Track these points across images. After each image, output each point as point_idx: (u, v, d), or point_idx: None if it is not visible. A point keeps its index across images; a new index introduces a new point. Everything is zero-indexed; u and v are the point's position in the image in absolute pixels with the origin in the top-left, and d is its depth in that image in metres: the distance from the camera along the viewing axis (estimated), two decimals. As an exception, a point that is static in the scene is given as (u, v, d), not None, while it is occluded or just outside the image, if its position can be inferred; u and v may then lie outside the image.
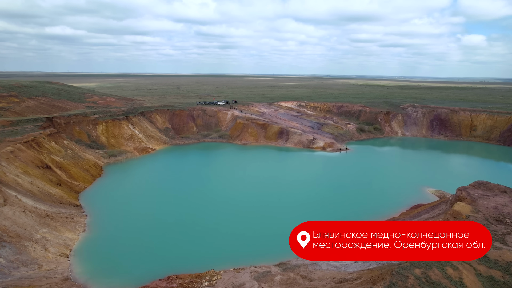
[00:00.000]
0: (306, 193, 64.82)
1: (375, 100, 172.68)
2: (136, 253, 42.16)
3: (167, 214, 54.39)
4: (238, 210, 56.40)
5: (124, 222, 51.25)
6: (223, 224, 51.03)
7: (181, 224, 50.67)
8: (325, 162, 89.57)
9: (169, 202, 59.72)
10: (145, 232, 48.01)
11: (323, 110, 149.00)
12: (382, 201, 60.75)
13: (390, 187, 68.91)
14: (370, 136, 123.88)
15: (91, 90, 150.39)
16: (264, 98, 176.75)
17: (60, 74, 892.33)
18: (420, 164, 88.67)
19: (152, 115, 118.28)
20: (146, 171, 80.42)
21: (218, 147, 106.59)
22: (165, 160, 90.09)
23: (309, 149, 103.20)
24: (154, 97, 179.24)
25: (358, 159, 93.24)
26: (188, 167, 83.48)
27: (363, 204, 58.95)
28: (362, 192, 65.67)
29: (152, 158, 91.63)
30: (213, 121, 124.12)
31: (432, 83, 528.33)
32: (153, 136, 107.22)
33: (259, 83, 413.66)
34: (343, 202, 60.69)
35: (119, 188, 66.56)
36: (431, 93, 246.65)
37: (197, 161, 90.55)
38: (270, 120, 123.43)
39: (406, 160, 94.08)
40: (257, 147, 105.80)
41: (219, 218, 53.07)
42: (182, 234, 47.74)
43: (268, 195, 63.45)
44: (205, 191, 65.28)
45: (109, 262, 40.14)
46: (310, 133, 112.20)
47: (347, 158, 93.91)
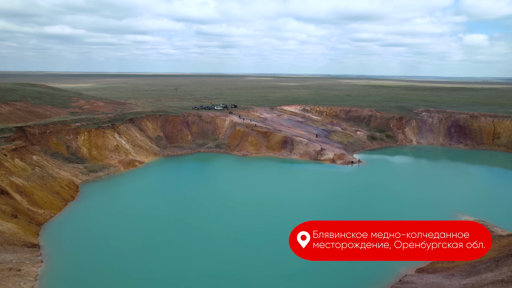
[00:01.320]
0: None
1: (384, 103, 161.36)
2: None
3: (155, 253, 43.21)
4: (238, 247, 45.28)
5: (96, 267, 40.11)
6: (220, 264, 40.04)
7: (172, 269, 39.53)
8: (335, 179, 78.34)
9: (156, 236, 48.60)
10: (126, 282, 36.99)
11: (330, 115, 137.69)
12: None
13: (415, 213, 57.71)
14: (382, 145, 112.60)
15: (78, 94, 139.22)
16: (266, 101, 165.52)
17: (59, 73, 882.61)
18: (447, 181, 77.27)
19: (143, 121, 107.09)
20: (130, 191, 69.14)
21: (215, 158, 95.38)
22: (153, 177, 78.77)
23: (317, 162, 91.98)
24: (148, 100, 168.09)
25: (373, 174, 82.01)
26: (179, 186, 72.26)
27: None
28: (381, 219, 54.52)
29: (139, 173, 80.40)
30: (209, 128, 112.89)
31: (436, 83, 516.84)
32: (142, 146, 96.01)
33: (260, 84, 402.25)
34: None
35: (95, 216, 55.35)
36: (440, 94, 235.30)
37: (189, 177, 79.31)
38: (273, 127, 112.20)
39: (429, 175, 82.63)
40: (258, 159, 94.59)
41: (215, 256, 42.02)
42: (174, 280, 36.68)
43: (272, 224, 52.31)
44: (199, 219, 54.13)
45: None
46: (318, 143, 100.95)
47: (360, 173, 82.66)
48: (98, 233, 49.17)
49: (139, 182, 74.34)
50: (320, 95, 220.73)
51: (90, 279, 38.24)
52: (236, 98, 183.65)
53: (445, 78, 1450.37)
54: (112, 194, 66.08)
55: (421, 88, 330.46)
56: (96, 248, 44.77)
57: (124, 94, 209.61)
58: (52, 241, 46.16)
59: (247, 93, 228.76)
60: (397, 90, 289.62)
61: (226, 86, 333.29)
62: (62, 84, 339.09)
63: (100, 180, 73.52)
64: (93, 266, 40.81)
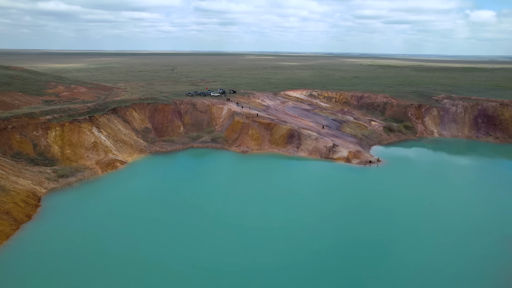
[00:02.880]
0: (328, 246, 41.39)
1: (398, 87, 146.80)
2: None
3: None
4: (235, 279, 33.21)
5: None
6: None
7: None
8: (352, 185, 65.57)
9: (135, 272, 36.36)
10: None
11: (340, 102, 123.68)
12: (454, 273, 37.48)
13: (462, 242, 45.32)
14: (400, 138, 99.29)
15: (59, 77, 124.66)
16: (268, 85, 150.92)
17: (55, 52, 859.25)
18: (488, 190, 64.50)
19: (128, 111, 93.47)
20: (105, 205, 56.34)
21: (210, 156, 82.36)
22: (135, 183, 65.79)
23: (329, 160, 79.09)
24: (139, 83, 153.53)
25: (396, 178, 69.23)
26: (166, 196, 59.58)
27: (422, 273, 35.67)
28: (416, 248, 42.19)
29: (119, 178, 67.56)
30: (204, 119, 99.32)
31: (443, 63, 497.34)
32: (126, 142, 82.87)
33: (261, 63, 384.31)
34: (390, 267, 37.31)
35: (54, 248, 42.96)
36: (454, 76, 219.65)
37: (178, 184, 66.47)
38: (277, 117, 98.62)
39: (466, 183, 69.48)
40: (260, 157, 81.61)
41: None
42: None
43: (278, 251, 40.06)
44: (192, 247, 41.79)
45: None
46: (328, 137, 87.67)
47: (381, 177, 69.85)
48: (56, 275, 36.87)
49: (117, 192, 61.52)
50: (325, 77, 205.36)
51: None
52: (235, 81, 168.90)
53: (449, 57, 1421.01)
54: (81, 211, 53.34)
55: (431, 69, 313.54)
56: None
57: (115, 76, 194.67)
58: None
59: (247, 75, 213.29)
60: (406, 71, 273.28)
61: (225, 66, 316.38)
62: (53, 64, 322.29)
63: (70, 189, 60.77)
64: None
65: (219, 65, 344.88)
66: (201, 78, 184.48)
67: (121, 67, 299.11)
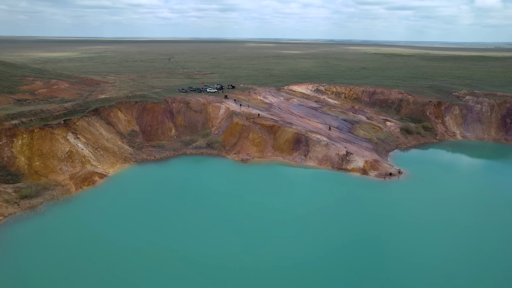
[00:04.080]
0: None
1: (411, 81, 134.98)
2: None
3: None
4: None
5: None
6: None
7: None
8: (371, 208, 54.95)
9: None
10: None
11: (350, 98, 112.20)
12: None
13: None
14: (419, 141, 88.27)
15: (39, 71, 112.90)
16: (270, 78, 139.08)
17: (51, 39, 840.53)
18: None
19: (112, 112, 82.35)
20: (71, 241, 45.84)
21: (204, 166, 71.55)
22: (114, 205, 55.01)
23: (342, 171, 68.39)
24: (130, 76, 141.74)
25: (423, 197, 58.56)
26: (150, 224, 49.06)
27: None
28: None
29: (95, 197, 56.92)
30: (199, 119, 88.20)
31: (449, 50, 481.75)
32: (108, 149, 72.04)
33: (261, 51, 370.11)
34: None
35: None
36: (467, 66, 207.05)
37: (166, 205, 55.76)
38: (281, 117, 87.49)
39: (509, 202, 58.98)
40: (262, 167, 70.83)
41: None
42: None
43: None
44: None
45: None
46: (340, 142, 76.72)
47: (405, 195, 59.18)
48: None
49: (90, 217, 50.88)
50: (331, 67, 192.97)
51: None
52: (234, 73, 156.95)
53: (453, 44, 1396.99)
54: (40, 248, 42.92)
55: (439, 58, 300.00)
56: None
57: (107, 67, 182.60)
58: None
59: (247, 65, 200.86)
60: (414, 61, 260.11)
61: (225, 55, 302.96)
62: (45, 53, 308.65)
63: (32, 215, 50.26)
64: None
65: (218, 53, 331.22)
66: (198, 69, 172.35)
67: (115, 56, 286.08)
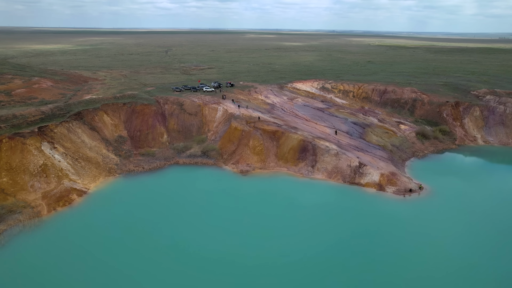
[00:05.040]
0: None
1: (424, 78, 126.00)
2: None
3: None
4: None
5: None
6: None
7: None
8: (393, 235, 46.93)
9: None
10: None
11: (359, 97, 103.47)
12: None
13: None
14: (438, 147, 79.92)
15: (21, 68, 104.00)
16: (272, 74, 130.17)
17: (49, 30, 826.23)
18: None
19: (97, 115, 73.94)
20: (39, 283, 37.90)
21: (198, 178, 63.32)
22: (92, 232, 46.81)
23: (355, 186, 60.27)
24: (123, 71, 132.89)
25: (454, 220, 50.51)
26: (132, 258, 41.12)
27: None
28: None
29: (70, 222, 48.88)
30: (194, 123, 79.81)
31: (455, 42, 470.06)
32: (90, 159, 63.85)
33: (262, 43, 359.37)
34: None
35: None
36: (479, 60, 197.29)
37: (154, 231, 47.71)
38: (284, 121, 79.09)
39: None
40: (264, 180, 62.67)
41: None
42: None
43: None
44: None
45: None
46: (352, 150, 68.40)
47: (432, 217, 51.11)
48: None
49: (64, 250, 42.86)
50: (335, 61, 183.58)
51: None
52: (234, 68, 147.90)
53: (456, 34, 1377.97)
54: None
55: (445, 50, 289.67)
56: None
57: (100, 61, 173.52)
58: None
59: (248, 59, 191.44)
60: (421, 53, 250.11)
61: (224, 47, 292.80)
62: (39, 45, 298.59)
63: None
64: None
65: (217, 45, 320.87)
66: (195, 64, 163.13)
67: (111, 48, 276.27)
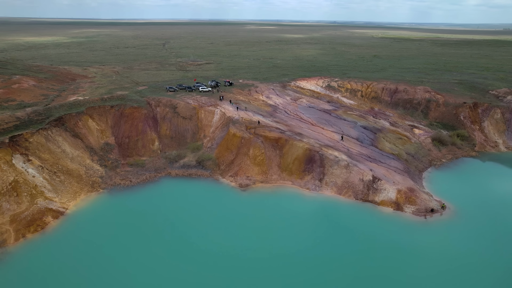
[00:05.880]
0: None
1: (435, 74, 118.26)
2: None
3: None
4: None
5: None
6: None
7: None
8: (418, 269, 40.16)
9: None
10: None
11: (368, 97, 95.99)
12: None
13: None
14: (456, 154, 72.78)
15: (1, 64, 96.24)
16: (273, 70, 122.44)
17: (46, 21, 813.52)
18: None
19: (82, 120, 66.76)
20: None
21: (192, 194, 56.38)
22: (67, 267, 40.12)
23: (368, 204, 53.38)
24: (116, 66, 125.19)
25: (486, 248, 43.67)
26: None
27: None
28: None
29: (40, 254, 42.08)
30: (188, 128, 72.61)
31: (459, 34, 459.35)
32: (71, 172, 56.87)
33: (263, 35, 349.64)
34: None
35: None
36: (490, 54, 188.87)
37: (139, 257, 40.95)
38: (288, 126, 71.86)
39: None
40: (267, 197, 55.73)
41: None
42: None
43: None
44: None
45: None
46: (364, 161, 61.30)
47: (461, 245, 44.30)
48: None
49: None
50: (339, 55, 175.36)
51: None
52: (233, 63, 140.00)
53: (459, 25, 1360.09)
54: None
55: (452, 43, 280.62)
56: None
57: (94, 55, 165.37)
58: None
59: (248, 53, 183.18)
60: (427, 46, 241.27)
61: (224, 39, 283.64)
62: (33, 37, 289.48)
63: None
64: None
65: (217, 37, 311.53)
66: (192, 58, 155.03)
67: (107, 41, 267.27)
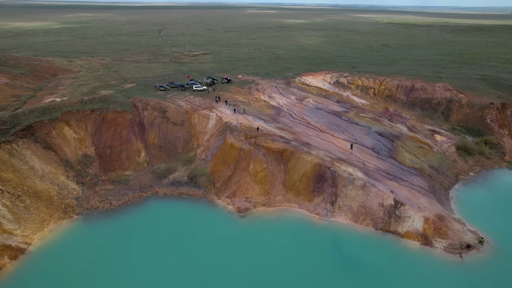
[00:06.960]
0: None
1: (453, 67, 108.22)
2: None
3: None
4: None
5: None
6: None
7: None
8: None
9: None
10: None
11: (381, 96, 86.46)
12: None
13: None
14: (484, 165, 63.91)
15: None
16: (276, 62, 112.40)
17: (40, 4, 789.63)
18: None
19: (56, 128, 57.75)
20: None
21: (181, 222, 47.84)
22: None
23: (389, 235, 44.92)
24: (105, 58, 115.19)
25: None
26: None
27: None
28: None
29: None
30: (180, 136, 63.56)
31: (469, 19, 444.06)
32: (40, 194, 48.24)
33: (263, 20, 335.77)
34: None
35: None
36: (507, 42, 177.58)
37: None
38: (293, 133, 62.76)
39: None
40: (270, 224, 47.20)
41: None
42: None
43: None
44: None
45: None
46: (382, 178, 52.47)
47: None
48: None
49: None
50: (346, 44, 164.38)
51: None
52: (233, 54, 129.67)
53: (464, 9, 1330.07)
54: None
55: (462, 29, 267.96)
56: None
57: (83, 44, 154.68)
58: None
59: (248, 41, 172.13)
60: (437, 33, 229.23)
61: (223, 25, 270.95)
62: (23, 22, 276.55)
63: None
64: None
65: (215, 23, 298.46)
66: (188, 48, 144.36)
67: (101, 27, 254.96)
